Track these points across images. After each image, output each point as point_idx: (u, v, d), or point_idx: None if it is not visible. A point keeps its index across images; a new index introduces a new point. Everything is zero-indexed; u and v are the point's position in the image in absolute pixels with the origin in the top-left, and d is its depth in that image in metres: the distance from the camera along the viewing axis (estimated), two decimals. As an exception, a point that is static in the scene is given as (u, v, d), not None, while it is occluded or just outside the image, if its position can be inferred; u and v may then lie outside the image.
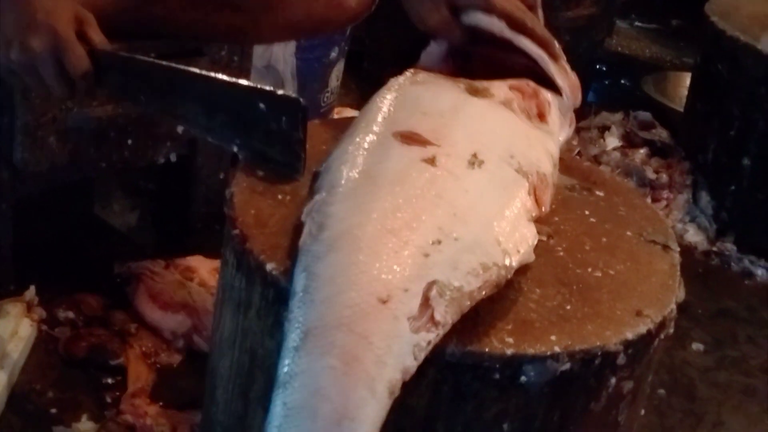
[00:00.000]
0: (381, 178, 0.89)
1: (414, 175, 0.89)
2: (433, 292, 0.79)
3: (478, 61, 1.15)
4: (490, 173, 0.93)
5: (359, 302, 0.78)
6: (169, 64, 1.13)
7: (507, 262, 0.85)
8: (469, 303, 0.82)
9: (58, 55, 1.09)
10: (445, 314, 0.79)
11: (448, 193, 0.88)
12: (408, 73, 1.09)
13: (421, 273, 0.80)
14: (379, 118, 0.98)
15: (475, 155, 0.93)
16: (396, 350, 0.76)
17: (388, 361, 0.76)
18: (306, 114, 1.01)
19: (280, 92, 1.04)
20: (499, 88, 1.06)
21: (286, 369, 0.76)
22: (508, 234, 0.88)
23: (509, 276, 0.86)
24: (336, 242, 0.83)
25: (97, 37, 1.13)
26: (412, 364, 0.77)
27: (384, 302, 0.78)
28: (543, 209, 0.96)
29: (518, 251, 0.87)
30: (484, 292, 0.83)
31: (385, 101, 1.00)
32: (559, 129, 1.07)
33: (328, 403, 0.73)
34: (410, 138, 0.94)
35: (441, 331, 0.79)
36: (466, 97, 1.03)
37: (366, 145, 0.94)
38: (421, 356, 0.78)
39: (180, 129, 1.47)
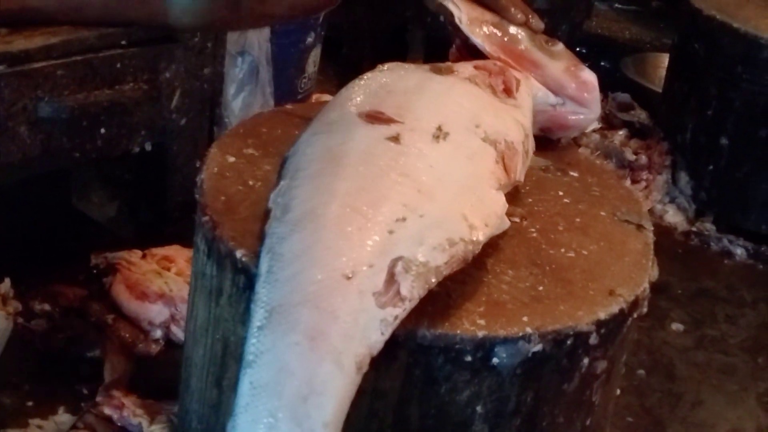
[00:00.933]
0: (345, 158, 0.88)
1: (378, 153, 0.89)
2: (398, 268, 0.79)
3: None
4: (455, 144, 0.93)
5: (323, 279, 0.78)
6: None
7: (474, 237, 0.85)
8: (435, 279, 0.81)
9: None
10: (411, 289, 0.79)
11: (413, 170, 0.88)
12: (379, 66, 1.09)
13: (386, 249, 0.80)
14: (346, 102, 0.98)
15: (439, 128, 0.93)
16: (362, 324, 0.76)
17: (355, 335, 0.76)
18: None
19: None
20: (464, 66, 1.06)
21: (251, 348, 0.76)
22: (475, 207, 0.87)
23: (476, 251, 0.86)
24: (300, 222, 0.83)
25: None
26: (379, 339, 0.77)
27: (348, 278, 0.78)
28: (513, 176, 0.96)
29: (486, 224, 0.87)
30: (451, 268, 0.83)
31: (353, 88, 1.00)
32: (528, 105, 1.07)
33: (294, 379, 0.73)
34: (374, 117, 0.94)
35: (408, 306, 0.79)
36: (431, 76, 1.03)
37: (331, 128, 0.94)
38: (388, 331, 0.78)
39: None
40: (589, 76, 1.19)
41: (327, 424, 0.72)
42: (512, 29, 1.17)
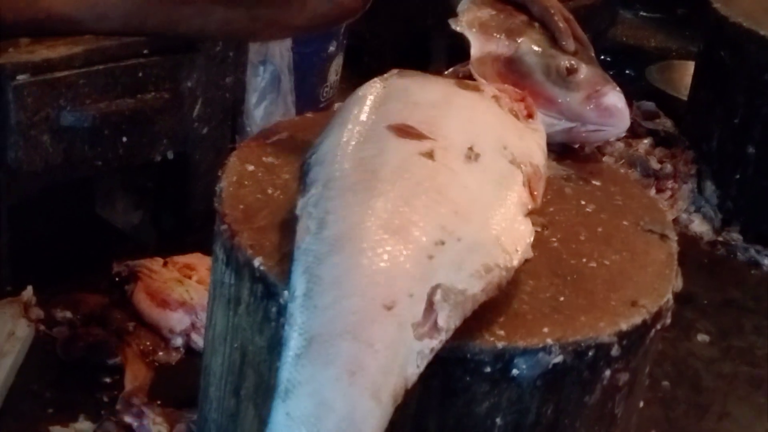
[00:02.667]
0: (380, 172, 0.87)
1: (413, 170, 0.87)
2: (438, 296, 0.78)
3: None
4: (485, 167, 0.91)
5: (364, 308, 0.77)
6: None
7: (508, 264, 0.84)
8: (471, 307, 0.80)
9: None
10: (448, 319, 0.78)
11: (448, 190, 0.86)
12: (393, 71, 1.08)
13: (426, 276, 0.79)
14: (368, 109, 0.96)
15: (471, 148, 0.92)
16: (401, 358, 0.75)
17: (393, 369, 0.75)
18: None
19: None
20: (488, 86, 1.06)
21: (288, 376, 0.74)
22: (507, 231, 0.86)
23: (510, 277, 0.85)
24: (337, 243, 0.81)
25: None
26: (414, 372, 0.76)
27: (389, 308, 0.77)
28: (537, 202, 0.95)
29: (517, 250, 0.86)
30: (486, 295, 0.82)
31: (372, 92, 0.99)
32: (544, 131, 1.05)
33: (333, 414, 0.72)
34: (405, 132, 0.92)
35: (444, 337, 0.78)
36: (456, 90, 1.01)
37: (359, 137, 0.93)
38: (423, 364, 0.77)
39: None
40: (612, 101, 1.16)
41: None
42: (526, 61, 1.16)
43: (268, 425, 0.74)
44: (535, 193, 0.94)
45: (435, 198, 0.85)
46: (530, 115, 1.05)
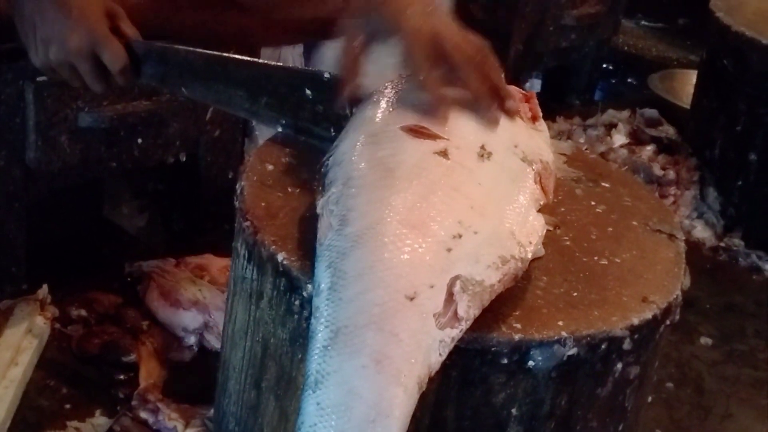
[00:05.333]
0: (397, 170, 0.90)
1: (429, 168, 0.91)
2: (457, 287, 0.81)
3: None
4: (498, 164, 0.95)
5: (387, 300, 0.80)
6: (206, 51, 1.13)
7: (523, 255, 0.87)
8: (489, 297, 0.83)
9: (96, 52, 1.11)
10: (468, 309, 0.81)
11: (464, 186, 0.90)
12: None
13: (445, 267, 0.82)
14: (383, 111, 0.99)
15: (483, 147, 0.95)
16: (424, 347, 0.78)
17: (418, 358, 0.78)
18: None
19: (326, 75, 1.05)
20: None
21: (317, 368, 0.77)
22: (521, 225, 0.90)
23: (525, 268, 0.88)
24: (360, 238, 0.84)
25: (130, 29, 1.15)
26: (437, 360, 0.79)
27: (411, 299, 0.80)
28: (549, 197, 0.98)
29: (530, 242, 0.89)
30: (504, 286, 0.85)
31: (386, 94, 1.02)
32: (547, 130, 1.09)
33: (362, 401, 0.75)
34: (419, 132, 0.95)
35: (464, 326, 0.81)
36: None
37: (375, 138, 0.96)
38: (445, 352, 0.80)
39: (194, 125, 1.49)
40: None
41: None
42: None
43: (300, 416, 0.76)
44: (547, 189, 0.97)
45: (451, 194, 0.88)
46: (534, 117, 1.08)
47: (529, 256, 0.88)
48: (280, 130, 1.10)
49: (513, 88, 1.11)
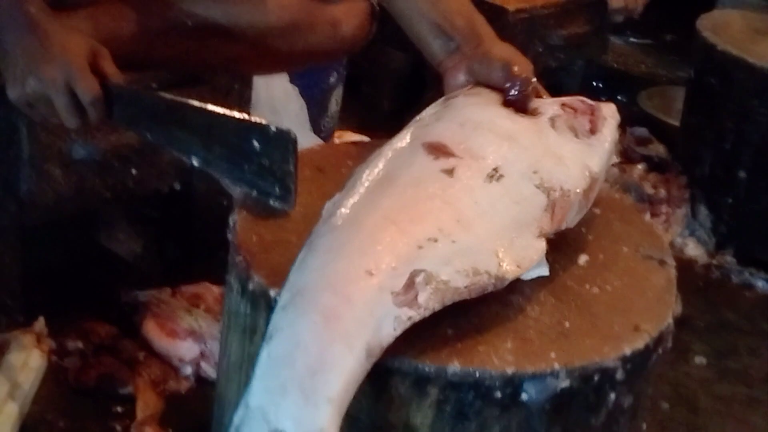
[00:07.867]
0: (397, 180, 0.93)
1: (428, 182, 0.93)
2: (419, 278, 0.83)
3: None
4: (506, 187, 0.95)
5: (349, 270, 0.83)
6: (172, 97, 1.14)
7: (500, 273, 0.88)
8: (452, 297, 0.85)
9: (72, 85, 1.12)
10: (428, 300, 0.83)
11: (458, 202, 0.92)
12: (470, 88, 1.13)
13: (412, 259, 0.85)
14: (419, 126, 1.02)
15: (495, 169, 0.96)
16: (377, 315, 0.81)
17: (368, 324, 0.80)
18: (296, 147, 1.02)
19: (272, 127, 1.04)
20: (550, 105, 1.08)
21: (273, 324, 0.81)
22: (510, 248, 0.90)
23: (499, 286, 0.88)
24: (340, 226, 0.88)
25: (111, 69, 1.16)
26: (390, 333, 0.81)
27: (371, 274, 0.83)
28: (560, 225, 0.98)
29: (518, 266, 0.90)
30: (469, 293, 0.86)
31: (433, 109, 1.05)
32: (608, 147, 1.07)
33: (306, 354, 0.78)
34: (436, 149, 0.97)
35: (423, 313, 0.83)
36: (507, 114, 1.05)
37: (395, 153, 0.98)
38: (400, 329, 0.82)
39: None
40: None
41: (331, 400, 0.77)
42: None
43: (254, 366, 0.80)
44: (560, 217, 0.97)
45: (441, 206, 0.91)
46: (593, 130, 1.07)
47: (508, 277, 0.88)
48: (228, 182, 1.09)
49: (575, 99, 1.10)
